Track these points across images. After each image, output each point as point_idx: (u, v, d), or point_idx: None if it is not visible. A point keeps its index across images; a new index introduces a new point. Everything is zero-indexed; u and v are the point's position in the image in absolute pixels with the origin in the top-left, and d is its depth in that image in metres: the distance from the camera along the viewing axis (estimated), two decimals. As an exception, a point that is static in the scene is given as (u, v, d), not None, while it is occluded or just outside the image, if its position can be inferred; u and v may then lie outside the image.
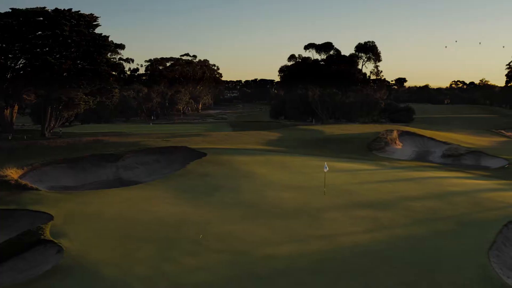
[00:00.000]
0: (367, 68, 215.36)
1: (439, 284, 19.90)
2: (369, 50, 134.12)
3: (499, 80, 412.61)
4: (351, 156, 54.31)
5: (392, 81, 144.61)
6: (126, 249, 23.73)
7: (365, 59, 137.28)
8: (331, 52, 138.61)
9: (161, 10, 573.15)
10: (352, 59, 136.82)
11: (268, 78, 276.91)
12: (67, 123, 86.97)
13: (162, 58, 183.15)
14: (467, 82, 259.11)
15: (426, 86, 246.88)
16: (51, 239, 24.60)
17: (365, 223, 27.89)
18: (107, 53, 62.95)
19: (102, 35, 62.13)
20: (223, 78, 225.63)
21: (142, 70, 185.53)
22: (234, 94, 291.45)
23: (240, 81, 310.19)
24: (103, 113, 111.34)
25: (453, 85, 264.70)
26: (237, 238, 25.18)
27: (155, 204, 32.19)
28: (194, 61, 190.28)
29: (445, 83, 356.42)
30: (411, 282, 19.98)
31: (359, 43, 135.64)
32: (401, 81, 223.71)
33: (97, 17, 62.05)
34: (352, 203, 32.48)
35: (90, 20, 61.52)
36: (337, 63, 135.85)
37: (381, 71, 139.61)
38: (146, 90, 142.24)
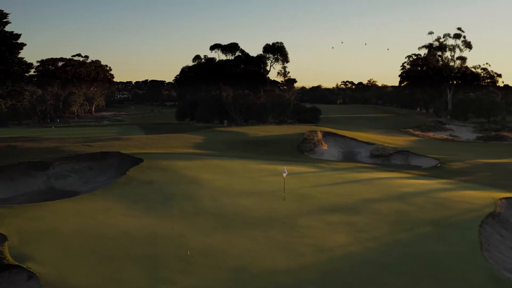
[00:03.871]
0: (275, 68, 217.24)
1: (453, 289, 19.79)
2: (277, 51, 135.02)
3: (386, 80, 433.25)
4: (285, 159, 53.92)
5: (282, 81, 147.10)
6: (108, 270, 21.40)
7: (273, 60, 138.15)
8: (238, 53, 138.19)
9: (48, 9, 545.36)
10: (260, 60, 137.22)
11: (159, 79, 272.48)
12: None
13: (53, 59, 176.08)
14: (356, 83, 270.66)
15: (319, 87, 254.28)
16: (16, 263, 21.61)
17: (345, 229, 27.39)
18: (19, 52, 57.86)
19: (14, 33, 57.08)
20: (114, 79, 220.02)
21: (31, 71, 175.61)
22: (125, 95, 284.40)
23: (130, 82, 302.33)
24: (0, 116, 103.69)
25: (342, 86, 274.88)
26: (223, 252, 23.67)
27: (112, 217, 29.61)
28: (87, 61, 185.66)
29: (332, 84, 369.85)
30: (426, 289, 19.70)
31: (267, 44, 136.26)
32: (291, 81, 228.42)
33: (7, 14, 56.76)
34: (318, 208, 31.89)
35: (0, 17, 56.23)
36: (244, 63, 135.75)
37: (289, 72, 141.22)
38: (40, 92, 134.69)
